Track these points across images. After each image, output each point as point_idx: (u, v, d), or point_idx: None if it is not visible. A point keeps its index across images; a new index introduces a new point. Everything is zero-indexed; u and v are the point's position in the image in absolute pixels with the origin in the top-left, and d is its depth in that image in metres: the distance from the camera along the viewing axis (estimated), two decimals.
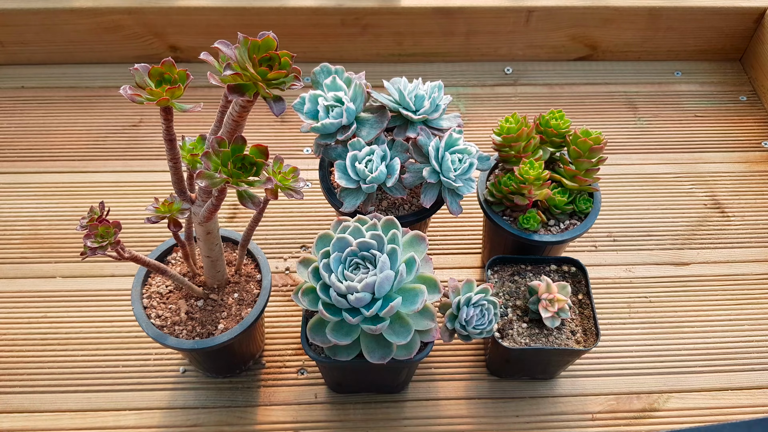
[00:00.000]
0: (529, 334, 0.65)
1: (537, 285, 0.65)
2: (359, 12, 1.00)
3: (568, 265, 0.71)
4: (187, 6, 0.98)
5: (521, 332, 0.66)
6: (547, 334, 0.65)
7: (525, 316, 0.67)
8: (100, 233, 0.48)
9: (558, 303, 0.63)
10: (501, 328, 0.66)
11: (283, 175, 0.53)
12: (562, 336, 0.65)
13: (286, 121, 1.00)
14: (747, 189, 0.92)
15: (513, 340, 0.65)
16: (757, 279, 0.83)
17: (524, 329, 0.66)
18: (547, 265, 0.71)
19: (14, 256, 0.82)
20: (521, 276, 0.70)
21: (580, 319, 0.67)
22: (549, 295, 0.64)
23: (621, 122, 1.01)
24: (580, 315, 0.68)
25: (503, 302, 0.68)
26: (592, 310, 0.67)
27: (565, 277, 0.70)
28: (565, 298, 0.64)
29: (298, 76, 0.42)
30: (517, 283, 0.70)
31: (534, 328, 0.66)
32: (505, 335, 0.66)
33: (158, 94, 0.43)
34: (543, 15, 1.02)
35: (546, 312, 0.63)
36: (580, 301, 0.68)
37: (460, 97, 1.04)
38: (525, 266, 0.71)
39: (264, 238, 0.85)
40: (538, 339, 0.65)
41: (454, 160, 0.64)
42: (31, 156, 0.94)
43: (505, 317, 0.67)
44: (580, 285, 0.70)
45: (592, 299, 0.68)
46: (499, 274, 0.71)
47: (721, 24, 1.05)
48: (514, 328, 0.66)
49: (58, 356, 0.74)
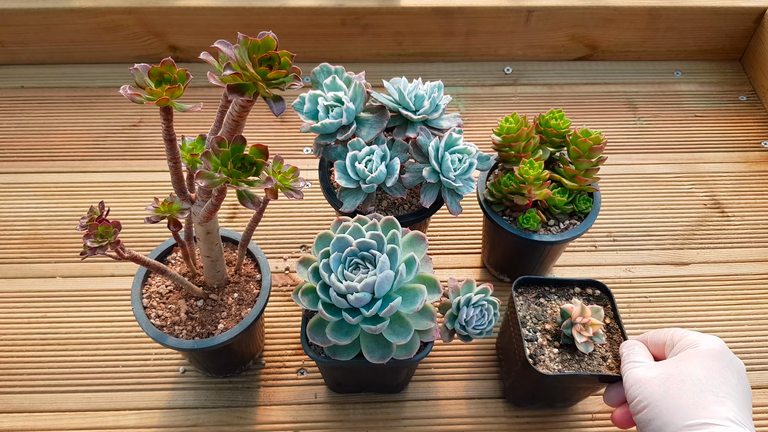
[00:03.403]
0: (561, 360, 0.62)
1: (570, 308, 0.63)
2: (359, 12, 1.00)
3: (593, 288, 0.68)
4: (187, 6, 0.98)
5: (553, 358, 0.62)
6: (579, 360, 0.62)
7: (555, 341, 0.64)
8: (99, 233, 0.48)
9: (593, 327, 0.61)
10: (533, 354, 0.63)
11: (283, 175, 0.53)
12: (594, 362, 0.62)
13: (286, 121, 1.00)
14: (747, 189, 0.92)
15: (546, 366, 0.62)
16: (757, 279, 0.83)
17: (556, 355, 0.63)
18: (571, 287, 0.68)
19: (14, 255, 0.82)
20: (546, 298, 0.67)
21: (609, 345, 0.64)
22: (583, 318, 0.61)
23: (621, 122, 1.01)
24: (609, 340, 0.65)
25: (531, 326, 0.65)
26: (623, 334, 0.64)
27: (589, 300, 0.67)
28: (599, 322, 0.62)
29: (298, 75, 0.42)
30: (543, 305, 0.67)
31: (565, 353, 0.63)
32: (537, 361, 0.62)
33: (158, 94, 0.43)
34: (543, 15, 1.02)
35: (580, 337, 0.61)
36: (608, 325, 0.66)
37: (460, 97, 1.04)
38: (549, 288, 0.68)
39: (264, 238, 0.85)
40: (570, 365, 0.62)
41: (454, 160, 0.64)
42: (30, 156, 0.94)
43: (535, 342, 0.64)
44: (606, 309, 0.67)
45: (621, 323, 0.65)
46: (524, 296, 0.67)
47: (721, 24, 1.05)
48: (545, 353, 0.63)
49: (57, 356, 0.74)
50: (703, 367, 0.52)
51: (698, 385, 0.50)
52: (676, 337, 0.57)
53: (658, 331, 0.60)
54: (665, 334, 0.59)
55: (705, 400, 0.49)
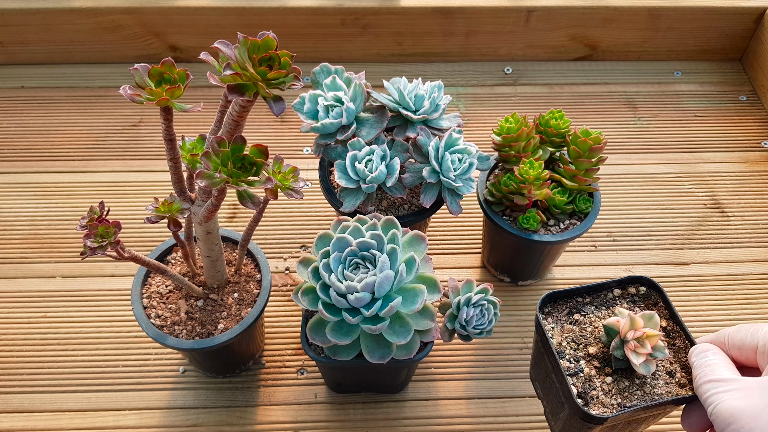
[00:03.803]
0: (619, 390, 0.50)
1: (616, 322, 0.50)
2: (359, 12, 1.00)
3: (635, 286, 0.57)
4: (187, 6, 0.98)
5: (608, 390, 0.50)
6: (641, 385, 0.50)
7: (606, 367, 0.52)
8: (99, 233, 0.48)
9: (650, 340, 0.49)
10: (581, 392, 0.50)
11: (283, 175, 0.53)
12: (659, 382, 0.50)
13: (286, 121, 1.00)
14: (747, 189, 0.92)
15: (601, 404, 0.49)
16: (757, 279, 0.83)
17: (610, 385, 0.51)
18: (609, 291, 0.57)
19: (14, 255, 0.82)
20: (582, 312, 0.55)
21: (673, 353, 0.52)
22: (636, 332, 0.49)
23: (621, 122, 1.01)
24: (671, 348, 0.53)
25: (572, 354, 0.53)
26: (688, 337, 0.52)
27: (634, 302, 0.56)
28: (656, 332, 0.49)
29: (298, 75, 0.42)
30: (580, 323, 0.55)
31: (622, 380, 0.51)
32: (589, 400, 0.50)
33: (158, 94, 0.43)
34: (543, 15, 1.02)
35: (637, 357, 0.48)
36: (665, 329, 0.54)
37: (460, 97, 1.04)
38: (582, 299, 0.56)
39: (264, 238, 0.85)
40: (632, 394, 0.50)
41: (454, 160, 0.64)
42: (30, 156, 0.94)
43: (581, 374, 0.51)
44: (657, 308, 0.55)
45: (683, 324, 0.53)
46: (553, 316, 0.55)
47: (721, 24, 1.05)
48: (596, 386, 0.50)
49: (57, 356, 0.74)
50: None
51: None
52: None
53: (739, 329, 0.46)
54: (752, 333, 0.45)
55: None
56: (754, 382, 0.41)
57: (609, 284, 0.56)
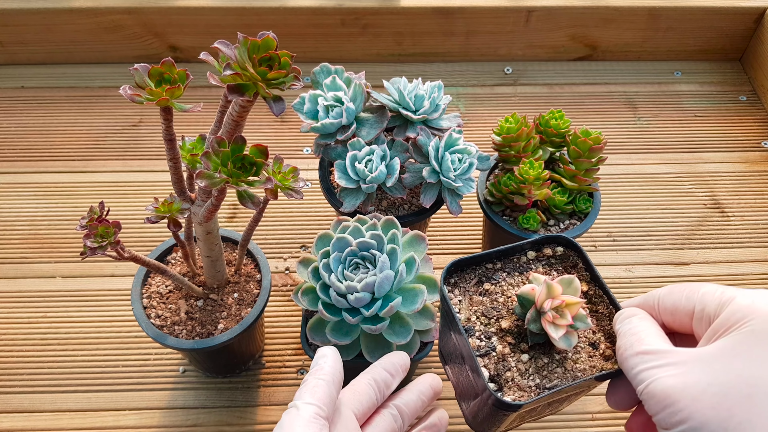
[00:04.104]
0: (537, 369, 0.44)
1: (530, 291, 0.43)
2: (359, 12, 1.00)
3: (551, 247, 0.50)
4: (187, 6, 0.98)
5: (524, 370, 0.44)
6: (561, 361, 0.44)
7: (521, 343, 0.45)
8: (99, 233, 0.48)
9: (570, 309, 0.42)
10: (494, 375, 0.44)
11: (282, 175, 0.53)
12: (582, 356, 0.44)
13: (286, 121, 1.00)
14: (747, 189, 0.92)
15: (517, 387, 0.43)
16: (757, 279, 0.83)
17: (526, 364, 0.44)
18: (522, 253, 0.50)
19: (14, 256, 0.82)
20: (492, 281, 0.48)
21: (596, 321, 0.46)
22: (553, 301, 0.42)
23: (621, 122, 1.01)
24: (593, 315, 0.46)
25: (482, 329, 0.46)
26: (612, 301, 0.46)
27: (551, 264, 0.49)
28: (577, 300, 0.42)
29: (298, 76, 0.42)
30: (491, 294, 0.48)
31: (540, 357, 0.45)
32: (504, 382, 0.43)
33: (158, 94, 0.43)
34: (543, 15, 1.02)
35: (556, 329, 0.42)
36: (586, 294, 0.47)
37: (460, 97, 1.04)
38: (492, 265, 0.49)
39: (264, 238, 0.85)
40: (552, 372, 0.44)
41: (454, 160, 0.64)
42: (30, 156, 0.94)
43: (493, 353, 0.45)
44: (577, 270, 0.49)
45: (605, 286, 0.46)
46: (460, 287, 0.48)
47: (721, 24, 1.05)
48: (511, 365, 0.44)
49: (57, 356, 0.74)
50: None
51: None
52: (713, 305, 0.37)
53: (671, 290, 0.40)
54: (688, 296, 0.39)
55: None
56: (691, 354, 0.35)
57: (522, 246, 0.49)
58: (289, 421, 0.41)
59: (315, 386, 0.43)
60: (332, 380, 0.44)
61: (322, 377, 0.44)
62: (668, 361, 0.36)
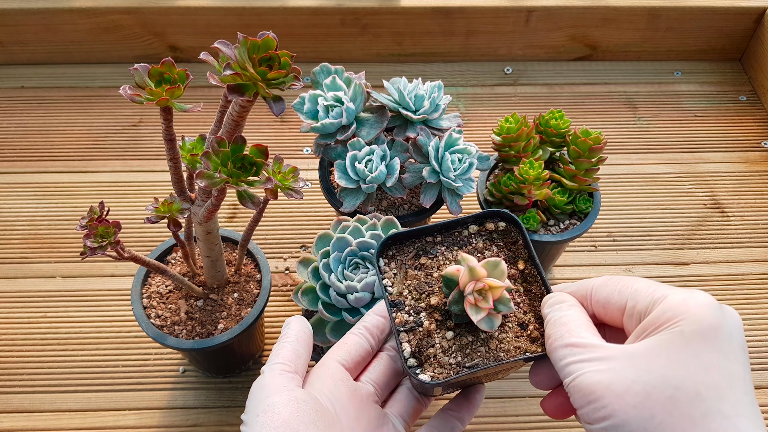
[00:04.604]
0: (460, 347, 0.43)
1: (455, 272, 0.42)
2: (359, 12, 1.00)
3: (493, 221, 0.48)
4: (187, 6, 0.98)
5: (447, 348, 0.43)
6: (486, 340, 0.43)
7: (448, 320, 0.44)
8: (99, 233, 0.48)
9: (493, 293, 0.41)
10: (416, 350, 0.43)
11: (282, 175, 0.53)
12: (509, 335, 0.43)
13: (286, 121, 1.00)
14: (747, 189, 0.92)
15: (438, 364, 0.42)
16: (757, 279, 0.83)
17: (450, 341, 0.43)
18: (464, 227, 0.48)
19: (14, 255, 0.82)
20: (430, 255, 0.47)
21: (528, 301, 0.45)
22: (476, 284, 0.41)
23: (621, 122, 1.01)
24: (527, 294, 0.45)
25: (412, 304, 0.45)
26: (543, 283, 0.44)
27: (493, 239, 0.48)
28: (500, 284, 0.41)
29: (298, 76, 0.42)
30: (426, 268, 0.47)
31: (465, 335, 0.44)
32: (425, 360, 0.43)
33: (158, 94, 0.43)
34: (543, 15, 1.02)
35: (477, 312, 0.41)
36: (522, 272, 0.46)
37: (460, 97, 1.04)
38: (432, 238, 0.48)
39: (264, 238, 0.85)
40: (474, 351, 0.43)
41: (454, 160, 0.64)
42: (30, 156, 0.94)
43: (419, 328, 0.44)
44: (516, 248, 0.47)
45: (540, 267, 0.45)
46: (398, 260, 0.47)
47: (720, 24, 1.05)
48: (435, 342, 0.43)
49: (57, 356, 0.74)
50: (701, 366, 0.33)
51: (698, 403, 0.32)
52: (644, 302, 0.36)
53: (606, 282, 0.40)
54: (620, 290, 0.38)
55: (713, 426, 0.31)
56: (619, 351, 0.35)
57: (465, 219, 0.48)
58: (257, 385, 0.41)
59: (279, 349, 0.43)
60: (296, 339, 0.44)
61: (286, 340, 0.44)
62: (596, 356, 0.35)
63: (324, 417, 0.39)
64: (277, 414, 0.38)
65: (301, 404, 0.39)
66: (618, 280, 0.39)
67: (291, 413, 0.38)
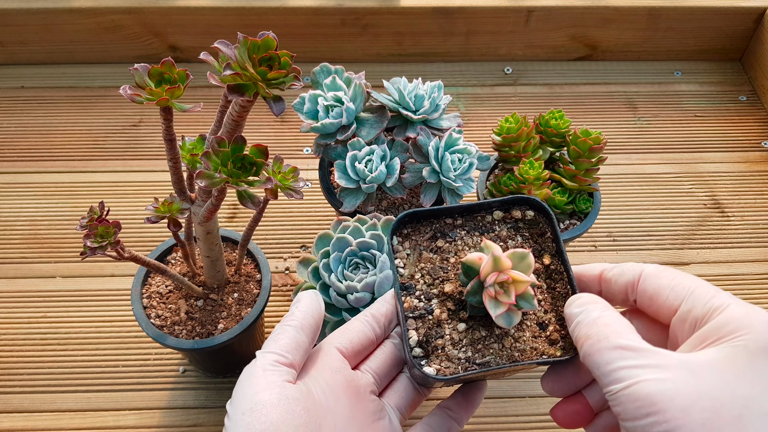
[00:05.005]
0: (471, 342, 0.40)
1: (477, 260, 0.39)
2: (359, 12, 1.00)
3: (521, 209, 0.44)
4: (187, 6, 0.98)
5: (457, 340, 0.40)
6: (500, 336, 0.40)
7: (461, 311, 0.41)
8: (99, 233, 0.48)
9: (516, 287, 0.37)
10: (424, 340, 0.40)
11: (282, 175, 0.53)
12: (525, 334, 0.40)
13: (286, 121, 1.00)
14: (747, 189, 0.92)
15: (446, 357, 0.39)
16: (758, 279, 0.83)
17: (462, 333, 0.40)
18: (488, 212, 0.44)
19: (14, 255, 0.82)
20: (448, 238, 0.43)
21: (551, 299, 0.41)
22: (499, 275, 0.37)
23: (621, 122, 1.01)
24: (549, 292, 0.41)
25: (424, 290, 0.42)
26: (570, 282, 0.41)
27: (518, 228, 0.44)
28: (526, 278, 0.37)
29: (298, 75, 0.42)
30: (443, 252, 0.43)
31: (478, 329, 0.40)
32: (432, 351, 0.40)
33: (158, 94, 0.43)
34: (543, 15, 1.02)
35: (497, 306, 0.37)
36: (547, 268, 0.42)
37: (460, 97, 1.04)
38: (452, 220, 0.44)
39: (264, 238, 0.85)
40: (487, 348, 0.40)
41: (454, 160, 0.64)
42: (30, 156, 0.93)
43: (429, 315, 0.41)
44: (543, 240, 0.43)
45: (567, 263, 0.41)
46: (412, 240, 0.44)
47: (721, 24, 1.05)
48: (445, 333, 0.40)
49: (57, 356, 0.74)
50: (766, 384, 0.30)
51: (766, 425, 0.29)
52: (702, 308, 0.34)
53: (659, 272, 0.37)
54: (676, 289, 0.35)
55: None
56: (679, 360, 0.32)
57: (490, 204, 0.44)
58: (246, 375, 0.39)
59: (279, 333, 0.41)
60: (301, 325, 0.41)
61: (290, 323, 0.41)
62: (652, 362, 0.32)
63: (315, 416, 0.38)
64: (265, 415, 0.36)
65: (291, 404, 0.37)
66: (673, 274, 0.36)
67: (280, 415, 0.36)
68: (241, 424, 0.36)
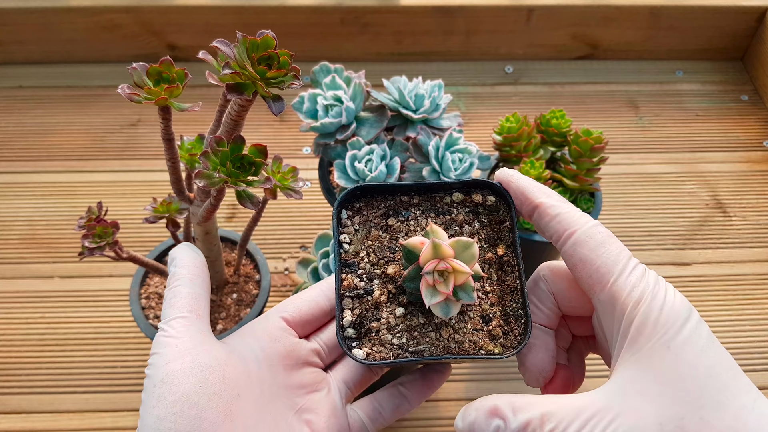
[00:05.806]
0: (408, 328, 0.38)
1: (418, 244, 0.36)
2: (359, 11, 0.99)
3: (483, 193, 0.42)
4: (186, 5, 0.98)
5: (394, 325, 0.38)
6: (439, 326, 0.38)
7: (402, 295, 0.39)
8: (98, 233, 0.48)
9: (456, 277, 0.35)
10: (358, 321, 0.38)
11: (282, 175, 0.52)
12: (466, 326, 0.38)
13: (286, 120, 0.99)
14: (749, 189, 0.92)
15: (379, 341, 0.38)
16: (759, 279, 0.82)
17: (399, 318, 0.38)
18: (447, 193, 0.42)
19: (11, 256, 0.82)
20: (401, 218, 0.41)
21: (499, 293, 0.39)
22: (439, 263, 0.35)
23: (622, 121, 1.01)
24: (499, 285, 0.39)
25: (367, 269, 0.39)
26: (520, 278, 0.39)
27: (477, 214, 0.41)
28: (467, 269, 0.35)
29: (298, 75, 0.41)
30: (393, 231, 0.41)
31: (417, 315, 0.38)
32: (366, 334, 0.38)
33: (156, 94, 0.43)
34: (544, 14, 1.02)
35: (433, 295, 0.35)
36: (500, 259, 0.40)
37: (460, 97, 1.03)
38: (408, 198, 0.42)
39: (263, 238, 0.84)
40: (423, 336, 0.38)
41: (454, 160, 0.64)
42: (28, 155, 0.93)
43: (368, 296, 0.39)
44: (501, 229, 0.41)
45: (520, 257, 0.39)
46: (363, 215, 0.41)
47: (722, 23, 1.04)
48: (381, 317, 0.38)
49: (56, 357, 0.73)
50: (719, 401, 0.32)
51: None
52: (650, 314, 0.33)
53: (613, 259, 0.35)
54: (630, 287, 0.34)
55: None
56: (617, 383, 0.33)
57: (451, 185, 0.41)
58: (155, 345, 0.37)
59: (172, 297, 0.40)
60: (190, 280, 0.40)
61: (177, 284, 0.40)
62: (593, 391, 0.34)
63: (233, 385, 0.36)
64: (176, 386, 0.35)
65: (205, 372, 0.36)
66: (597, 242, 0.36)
67: (192, 384, 0.35)
68: (154, 396, 0.35)
